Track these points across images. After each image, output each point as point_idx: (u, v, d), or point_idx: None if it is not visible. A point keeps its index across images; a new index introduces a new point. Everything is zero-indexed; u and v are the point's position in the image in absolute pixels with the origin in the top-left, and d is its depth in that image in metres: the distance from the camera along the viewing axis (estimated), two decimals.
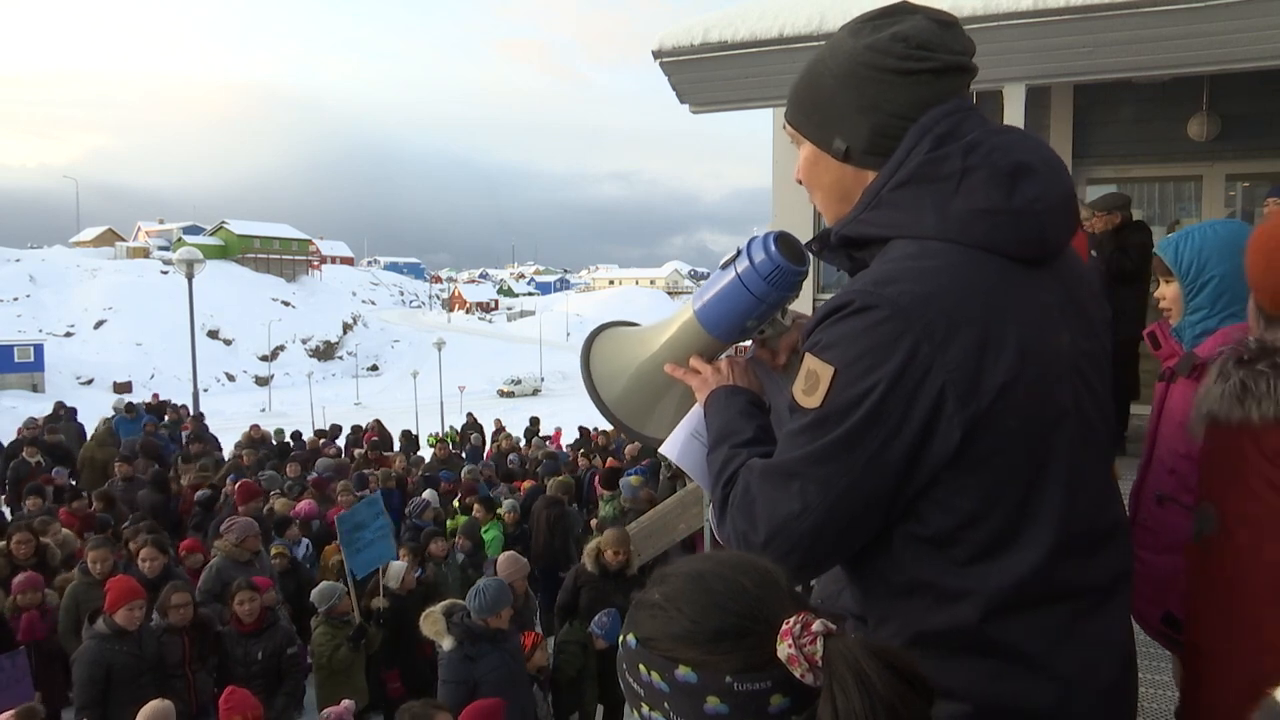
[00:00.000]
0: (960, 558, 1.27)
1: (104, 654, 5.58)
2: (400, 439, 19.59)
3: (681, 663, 1.03)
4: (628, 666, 1.09)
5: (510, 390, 66.32)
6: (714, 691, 1.02)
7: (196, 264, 20.04)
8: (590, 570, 6.94)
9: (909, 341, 1.20)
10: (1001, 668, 1.27)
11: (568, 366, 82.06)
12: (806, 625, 1.00)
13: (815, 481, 1.26)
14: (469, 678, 5.36)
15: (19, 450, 15.27)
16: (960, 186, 1.27)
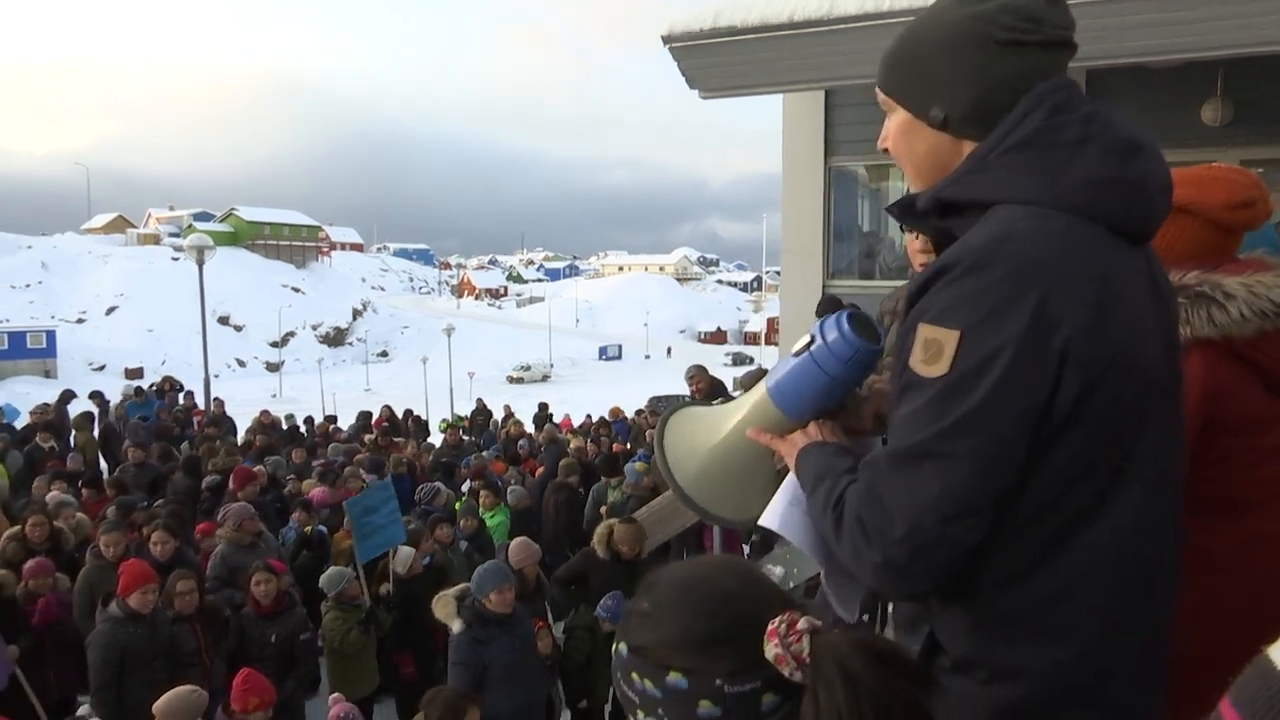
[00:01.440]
0: (1046, 533, 1.25)
1: (118, 637, 5.63)
2: (410, 423, 19.69)
3: (672, 669, 1.04)
4: (621, 675, 1.10)
5: (519, 376, 66.44)
6: (705, 695, 1.02)
7: (207, 250, 20.07)
8: (600, 556, 6.97)
9: (1034, 297, 1.17)
10: (1079, 650, 1.25)
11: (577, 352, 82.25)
12: (792, 624, 1.01)
13: (957, 457, 1.19)
14: (477, 660, 5.41)
15: (32, 435, 15.37)
16: (1076, 154, 1.27)
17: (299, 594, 7.02)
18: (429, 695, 4.49)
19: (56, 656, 6.41)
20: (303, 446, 13.89)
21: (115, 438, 15.47)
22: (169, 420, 16.56)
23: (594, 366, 78.76)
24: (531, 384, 62.45)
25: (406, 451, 13.20)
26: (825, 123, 9.59)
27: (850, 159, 9.87)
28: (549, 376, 68.64)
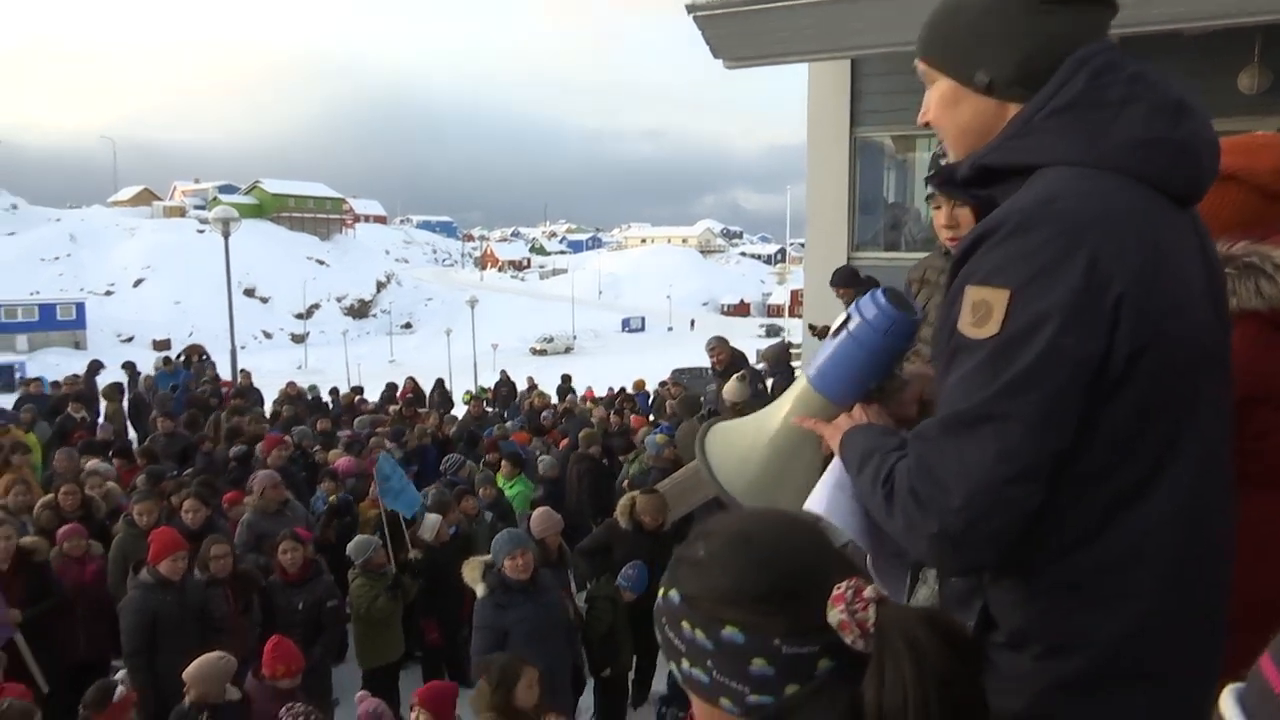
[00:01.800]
0: (1102, 502, 1.23)
1: (149, 603, 5.73)
2: (436, 394, 19.83)
3: (729, 623, 1.01)
4: (668, 621, 1.08)
5: (543, 348, 66.60)
6: (761, 653, 1.00)
7: (232, 223, 20.19)
8: (623, 527, 7.01)
9: (1085, 255, 1.16)
10: (1135, 622, 1.24)
11: (600, 325, 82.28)
12: (858, 590, 0.99)
13: (1012, 418, 1.16)
14: (498, 624, 5.50)
15: (63, 406, 15.59)
16: (1122, 114, 1.25)
17: (326, 562, 7.13)
18: (482, 663, 4.58)
19: (88, 621, 6.54)
20: (328, 417, 14.02)
21: (144, 408, 15.68)
22: (198, 391, 16.73)
23: (617, 339, 78.83)
24: (554, 356, 62.57)
25: (430, 422, 13.29)
26: (851, 93, 9.48)
27: (876, 129, 9.76)
28: (572, 348, 68.78)
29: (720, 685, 1.03)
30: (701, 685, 1.05)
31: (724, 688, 1.03)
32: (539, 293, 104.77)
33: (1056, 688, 1.25)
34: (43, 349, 58.48)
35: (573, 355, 63.51)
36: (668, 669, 1.10)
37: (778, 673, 1.00)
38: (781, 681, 1.01)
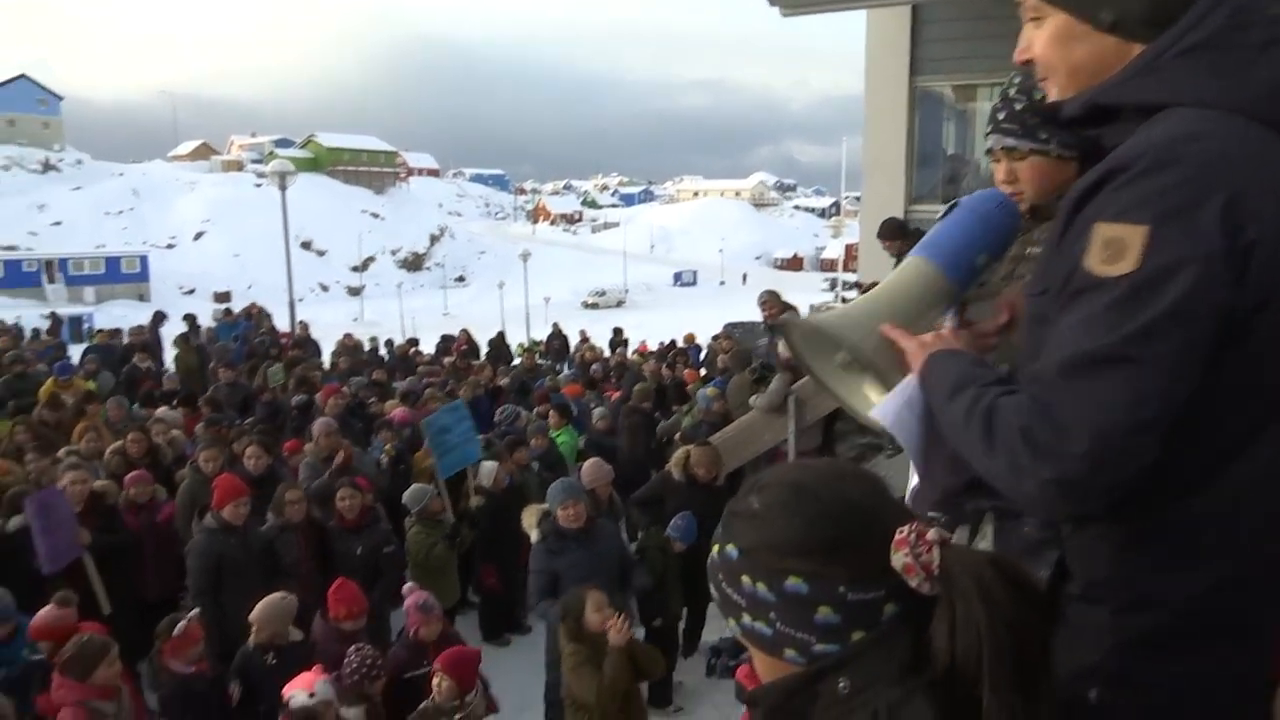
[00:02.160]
0: (1203, 457, 1.19)
1: (213, 546, 5.92)
2: (494, 347, 20.07)
3: (791, 574, 1.01)
4: (726, 578, 1.08)
5: (594, 302, 66.72)
6: (826, 601, 1.00)
7: (289, 176, 20.43)
8: (677, 479, 7.05)
9: (1222, 197, 1.11)
10: (1223, 577, 1.21)
11: (652, 278, 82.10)
12: (921, 534, 0.99)
13: (1149, 363, 1.10)
14: (550, 568, 5.67)
15: (130, 356, 16.04)
16: (1262, 57, 1.19)
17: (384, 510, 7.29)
18: (560, 602, 4.72)
19: (158, 561, 6.80)
20: (384, 369, 14.24)
21: (205, 358, 16.10)
22: (256, 342, 17.09)
23: (669, 292, 78.63)
24: (606, 309, 62.66)
25: (483, 375, 13.43)
26: (911, 40, 9.24)
27: (937, 79, 9.52)
28: (624, 302, 68.79)
29: (785, 636, 1.03)
30: (764, 638, 1.05)
31: (789, 639, 1.03)
32: (591, 246, 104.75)
33: (1135, 643, 1.22)
34: (109, 301, 60.00)
35: (624, 309, 63.51)
36: (720, 621, 1.11)
37: (844, 620, 1.00)
38: (847, 628, 1.01)
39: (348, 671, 4.55)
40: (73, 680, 4.36)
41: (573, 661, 4.70)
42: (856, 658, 1.00)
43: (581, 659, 4.68)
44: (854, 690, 1.00)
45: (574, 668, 4.68)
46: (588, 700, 4.61)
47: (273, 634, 5.02)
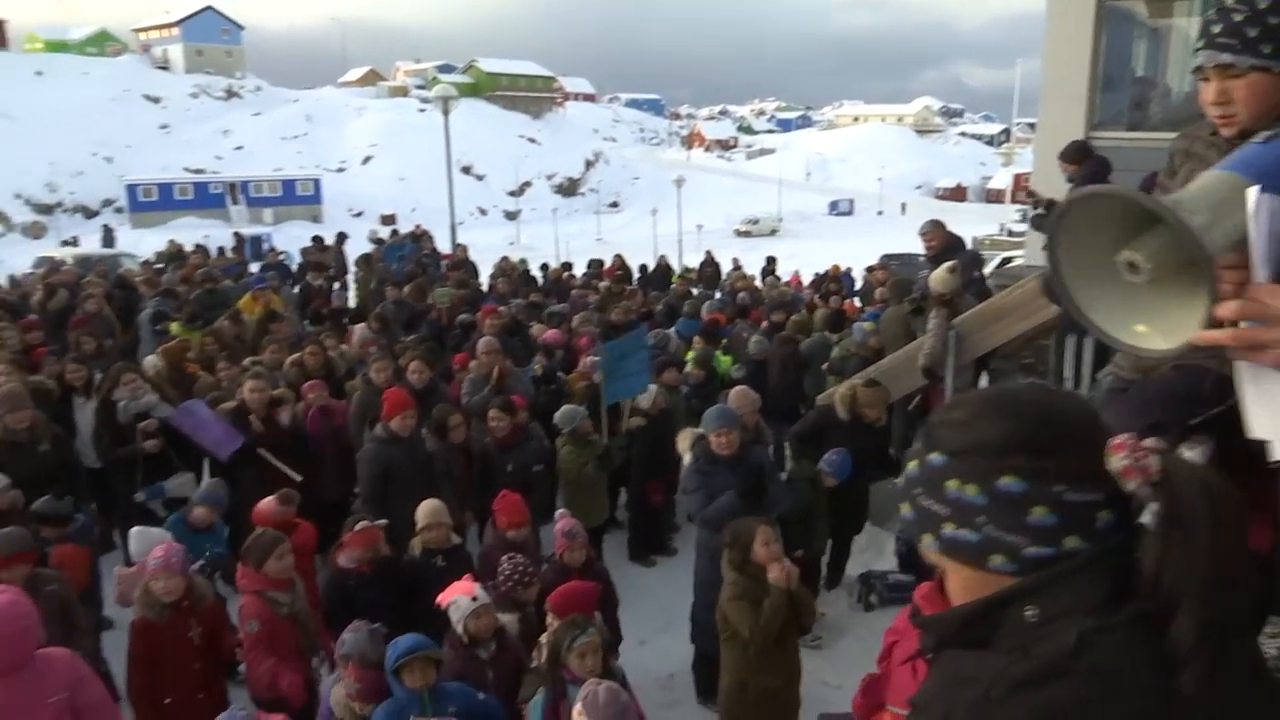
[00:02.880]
0: None
1: (382, 455, 6.27)
2: (653, 272, 20.23)
3: (1006, 472, 0.98)
4: (925, 489, 1.05)
5: (747, 230, 65.76)
6: (1042, 501, 0.96)
7: (451, 101, 20.92)
8: (840, 417, 6.91)
9: None
10: None
11: (807, 206, 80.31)
12: (1137, 443, 0.95)
13: None
14: (702, 488, 5.73)
15: (305, 274, 16.99)
16: None
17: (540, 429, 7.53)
18: (729, 528, 4.82)
19: (331, 465, 7.27)
20: (540, 291, 14.56)
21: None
22: (420, 263, 17.78)
23: (824, 221, 76.73)
24: (759, 238, 61.76)
25: (636, 300, 13.54)
26: None
27: None
28: (777, 230, 67.58)
29: (993, 541, 0.99)
30: (969, 546, 1.01)
31: (998, 543, 0.99)
32: (745, 173, 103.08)
33: None
34: (286, 222, 63.45)
35: (778, 238, 62.39)
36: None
37: (1059, 522, 0.96)
38: (1062, 531, 0.96)
39: (502, 579, 4.76)
40: (251, 570, 4.78)
41: (732, 592, 4.73)
42: (1050, 584, 0.96)
43: (741, 591, 4.71)
44: (1044, 619, 0.96)
45: (733, 598, 4.71)
46: (742, 633, 4.66)
47: (438, 537, 5.32)
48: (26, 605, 3.71)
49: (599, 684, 3.26)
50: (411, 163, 77.15)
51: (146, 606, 4.60)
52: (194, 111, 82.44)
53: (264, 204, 68.49)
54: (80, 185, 68.43)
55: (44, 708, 3.62)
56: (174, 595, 4.59)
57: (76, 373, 8.02)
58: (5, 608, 3.58)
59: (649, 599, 7.24)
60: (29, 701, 3.60)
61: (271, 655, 4.66)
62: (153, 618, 4.58)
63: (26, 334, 10.25)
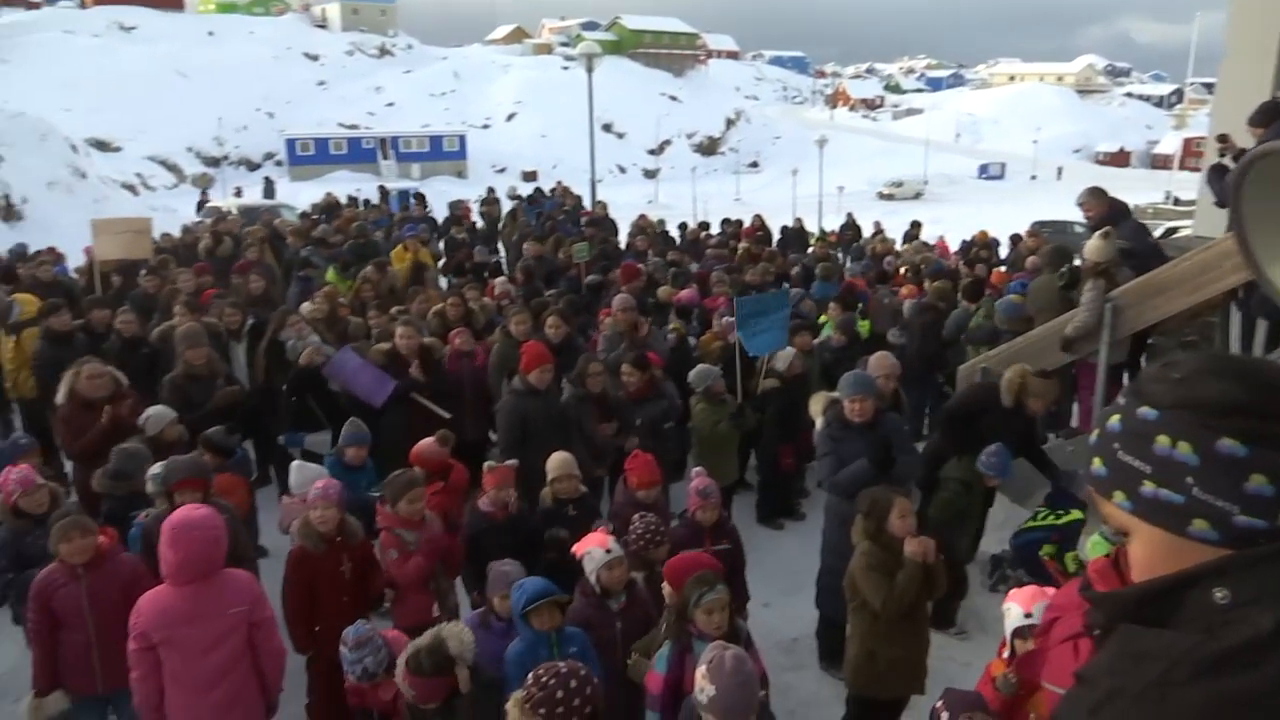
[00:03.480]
0: None
1: (520, 407, 6.43)
2: (789, 233, 19.97)
3: (1228, 433, 0.92)
4: (1129, 442, 0.99)
5: (890, 193, 63.87)
6: (1263, 469, 0.90)
7: (595, 59, 20.99)
8: (1004, 403, 6.44)
9: None
10: None
11: (954, 170, 77.41)
12: None
13: None
14: (832, 453, 5.67)
15: (450, 228, 17.49)
16: None
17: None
18: (866, 495, 4.78)
19: (470, 407, 7.53)
20: (677, 250, 14.56)
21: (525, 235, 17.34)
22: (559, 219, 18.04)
23: (972, 186, 73.68)
24: (903, 201, 59.91)
25: (775, 261, 13.38)
26: None
27: None
28: (922, 194, 65.36)
29: (1200, 505, 0.93)
30: (1169, 508, 0.95)
31: (1205, 508, 0.93)
32: (891, 134, 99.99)
33: None
34: (432, 176, 65.42)
35: (922, 201, 60.35)
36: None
37: (1277, 494, 0.90)
38: (1278, 505, 0.90)
39: (633, 537, 4.82)
40: (387, 509, 5.02)
41: (864, 562, 4.66)
42: (1247, 566, 0.90)
43: (874, 561, 4.63)
44: (1235, 603, 0.89)
45: (865, 569, 4.64)
46: (873, 604, 4.60)
47: (567, 488, 5.45)
48: (218, 519, 4.09)
49: (725, 649, 3.26)
50: (553, 120, 78.07)
51: (304, 536, 4.92)
52: (349, 69, 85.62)
53: (412, 159, 70.83)
54: (244, 139, 72.28)
55: (227, 616, 4.01)
56: (329, 525, 4.90)
57: (233, 316, 8.57)
58: (202, 519, 3.97)
59: (775, 562, 7.22)
60: (216, 608, 3.99)
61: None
62: (309, 548, 4.89)
63: (198, 278, 10.95)
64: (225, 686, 4.06)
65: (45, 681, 4.52)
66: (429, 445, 5.89)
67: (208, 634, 3.98)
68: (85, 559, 4.40)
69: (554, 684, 3.02)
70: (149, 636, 3.93)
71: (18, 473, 5.14)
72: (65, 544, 4.37)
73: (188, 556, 3.90)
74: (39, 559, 4.74)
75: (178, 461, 5.21)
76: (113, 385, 6.63)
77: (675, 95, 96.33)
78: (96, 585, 4.42)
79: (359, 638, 4.05)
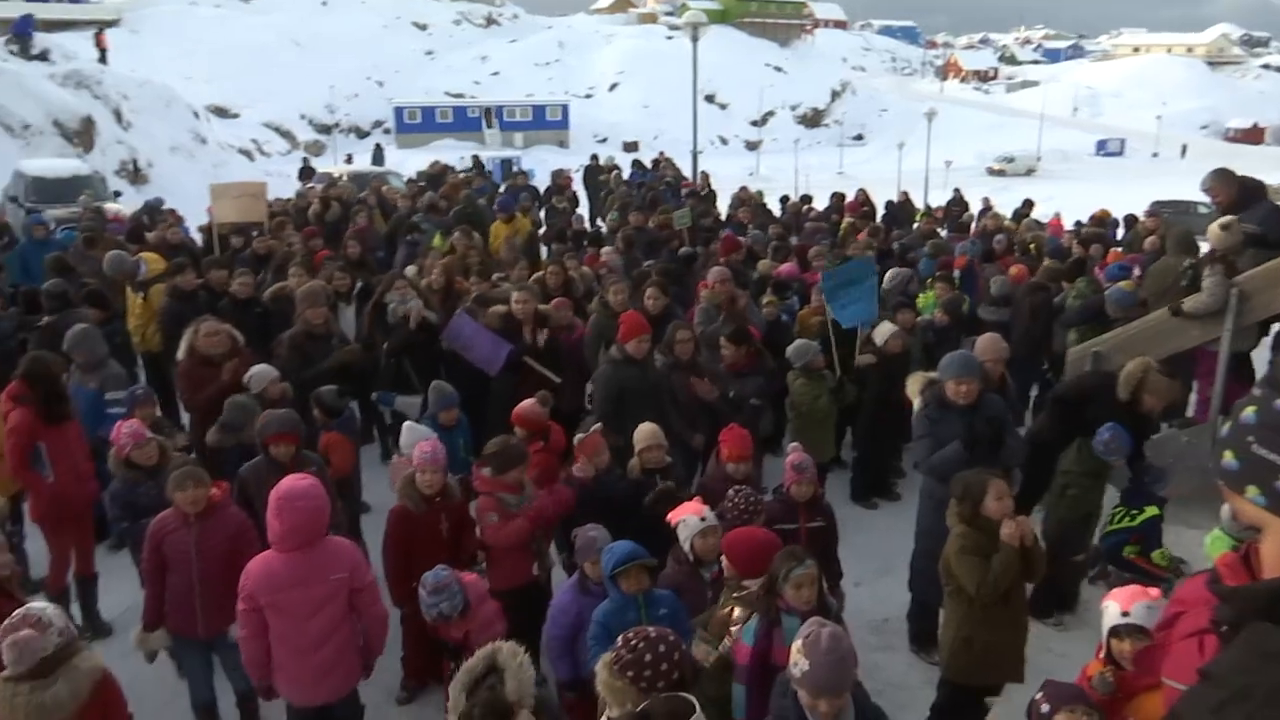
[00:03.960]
0: None
1: (617, 376, 6.48)
2: (896, 209, 19.57)
3: None
4: (1266, 435, 0.95)
5: (1001, 168, 61.68)
6: None
7: (700, 28, 20.78)
8: (1120, 397, 6.11)
9: None
10: None
11: (1070, 145, 74.29)
12: None
13: None
14: (930, 434, 5.55)
15: (551, 197, 17.65)
16: None
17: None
18: (960, 479, 4.70)
19: (567, 376, 7.61)
20: (778, 223, 14.39)
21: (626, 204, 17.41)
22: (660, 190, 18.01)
23: (1089, 162, 70.55)
24: (1014, 177, 57.82)
25: (878, 237, 13.11)
26: None
27: None
28: (1034, 170, 62.95)
29: None
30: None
31: None
32: (1003, 107, 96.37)
33: None
34: (535, 146, 66.11)
35: (1034, 178, 58.09)
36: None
37: None
38: None
39: (729, 510, 4.82)
40: (488, 474, 5.12)
41: (959, 544, 4.56)
42: None
43: (969, 545, 4.53)
44: None
45: (959, 551, 4.55)
46: (968, 588, 4.51)
47: (655, 457, 5.49)
48: (321, 489, 4.26)
49: (823, 625, 3.23)
50: (656, 90, 77.76)
51: (407, 496, 5.08)
52: (456, 38, 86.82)
53: (516, 128, 71.64)
54: (354, 107, 74.11)
55: (329, 582, 4.19)
56: (434, 489, 5.07)
57: (342, 280, 8.83)
58: (307, 488, 4.14)
59: (868, 541, 7.14)
60: (319, 574, 4.17)
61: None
62: (410, 507, 5.05)
63: (309, 241, 11.32)
64: (327, 650, 4.25)
65: (152, 618, 4.80)
66: (530, 406, 6.01)
67: (310, 599, 4.15)
68: (198, 509, 4.63)
69: (643, 648, 3.06)
70: (256, 599, 4.12)
71: (129, 426, 5.45)
72: (180, 492, 4.60)
73: (294, 526, 4.07)
74: (150, 509, 5.03)
75: (272, 415, 5.48)
76: (230, 343, 6.94)
77: (780, 66, 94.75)
78: (204, 534, 4.66)
79: (437, 583, 4.25)
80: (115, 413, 6.45)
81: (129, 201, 19.99)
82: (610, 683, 3.10)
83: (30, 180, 18.88)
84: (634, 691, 3.03)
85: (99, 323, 7.61)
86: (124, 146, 29.22)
